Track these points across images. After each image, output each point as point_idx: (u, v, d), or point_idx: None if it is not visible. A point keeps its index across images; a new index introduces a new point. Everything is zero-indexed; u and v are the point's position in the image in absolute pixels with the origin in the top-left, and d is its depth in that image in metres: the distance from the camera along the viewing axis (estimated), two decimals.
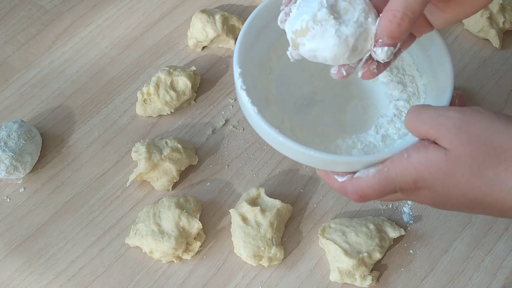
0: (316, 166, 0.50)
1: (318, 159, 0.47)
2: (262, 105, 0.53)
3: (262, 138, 0.52)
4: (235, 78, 0.51)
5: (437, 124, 0.38)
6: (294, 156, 0.49)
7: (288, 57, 0.48)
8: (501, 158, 0.37)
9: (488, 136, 0.37)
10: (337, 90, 0.58)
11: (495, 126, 0.37)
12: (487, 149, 0.37)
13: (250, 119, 0.52)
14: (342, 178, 0.45)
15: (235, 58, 0.52)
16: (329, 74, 0.47)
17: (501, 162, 0.37)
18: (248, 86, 0.50)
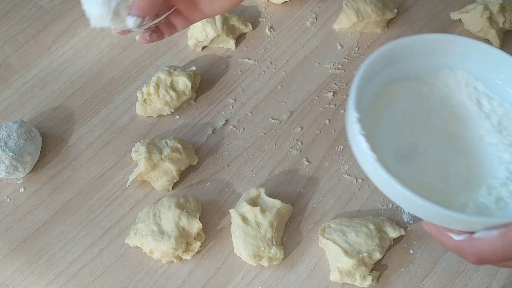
0: (434, 221, 0.50)
1: (441, 214, 0.47)
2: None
3: (379, 188, 0.52)
4: (352, 123, 0.52)
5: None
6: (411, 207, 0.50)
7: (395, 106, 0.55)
8: None
9: None
10: (440, 144, 0.56)
11: None
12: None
13: (366, 165, 0.52)
14: (458, 236, 0.43)
15: (352, 103, 0.52)
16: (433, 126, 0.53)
17: None
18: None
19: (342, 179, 0.69)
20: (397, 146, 0.56)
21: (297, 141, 0.72)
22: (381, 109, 0.57)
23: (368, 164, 0.50)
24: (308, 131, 0.72)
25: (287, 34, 0.82)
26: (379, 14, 0.79)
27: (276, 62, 0.79)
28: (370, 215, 0.66)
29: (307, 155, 0.70)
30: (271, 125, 0.73)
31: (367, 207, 0.66)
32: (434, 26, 0.82)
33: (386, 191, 0.51)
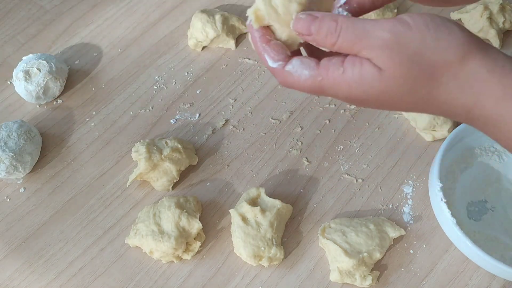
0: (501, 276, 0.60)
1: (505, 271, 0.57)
2: None
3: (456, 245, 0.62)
4: (435, 191, 0.62)
5: (368, 45, 0.37)
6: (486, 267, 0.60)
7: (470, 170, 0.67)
8: (432, 76, 0.37)
9: (420, 55, 0.37)
10: (508, 202, 0.66)
11: (426, 42, 0.36)
12: (419, 68, 0.37)
13: (446, 227, 0.62)
14: (273, 63, 0.41)
15: (436, 173, 0.63)
16: (502, 187, 0.65)
17: (432, 80, 0.37)
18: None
19: (342, 179, 0.69)
20: (469, 202, 0.66)
21: (297, 141, 0.72)
22: (457, 172, 0.67)
23: (448, 226, 0.61)
24: (308, 131, 0.72)
25: None
26: (379, 14, 0.79)
27: None
28: (370, 215, 0.66)
29: (307, 155, 0.70)
30: (271, 125, 0.73)
31: (367, 207, 0.66)
32: None
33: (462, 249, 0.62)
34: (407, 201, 0.67)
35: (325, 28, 0.38)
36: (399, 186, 0.68)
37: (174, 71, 0.78)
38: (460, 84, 0.37)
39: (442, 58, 0.36)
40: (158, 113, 0.74)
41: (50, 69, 0.73)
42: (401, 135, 0.72)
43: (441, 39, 0.36)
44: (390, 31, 0.37)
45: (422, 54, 0.36)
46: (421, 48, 0.36)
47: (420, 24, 0.37)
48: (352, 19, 0.38)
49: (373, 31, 0.37)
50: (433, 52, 0.36)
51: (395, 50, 0.37)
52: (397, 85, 0.38)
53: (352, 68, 0.38)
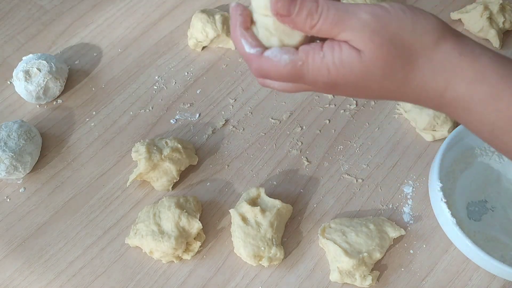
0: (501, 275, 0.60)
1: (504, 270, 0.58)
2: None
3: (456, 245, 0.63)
4: (435, 191, 0.62)
5: (348, 27, 0.37)
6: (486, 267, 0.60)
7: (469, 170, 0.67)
8: (409, 60, 0.38)
9: (399, 38, 0.37)
10: (508, 202, 0.66)
11: (404, 26, 0.37)
12: (397, 51, 0.37)
13: (446, 226, 0.63)
14: (251, 49, 0.40)
15: (436, 173, 0.63)
16: (502, 187, 0.65)
17: (409, 63, 0.38)
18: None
19: (342, 179, 0.69)
20: (469, 202, 0.66)
21: (297, 141, 0.72)
22: (457, 172, 0.67)
23: (448, 226, 0.61)
24: (308, 131, 0.72)
25: None
26: None
27: None
28: (370, 215, 0.66)
29: (307, 155, 0.70)
30: (271, 125, 0.73)
31: (367, 207, 0.66)
32: None
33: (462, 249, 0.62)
34: (407, 201, 0.67)
35: (306, 8, 0.37)
36: (399, 186, 0.68)
37: (174, 71, 0.78)
38: (434, 67, 0.38)
39: (418, 41, 0.38)
40: (158, 113, 0.74)
41: (50, 69, 0.73)
42: (401, 135, 0.72)
43: (417, 22, 0.38)
44: (371, 13, 0.37)
45: (400, 36, 0.37)
46: (399, 31, 0.37)
47: (397, 9, 0.38)
48: (333, 1, 0.38)
49: (354, 13, 0.37)
50: (411, 35, 0.37)
51: (376, 31, 0.37)
52: (377, 67, 0.38)
53: (331, 52, 0.38)
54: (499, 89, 0.38)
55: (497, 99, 0.38)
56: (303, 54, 0.39)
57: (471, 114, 0.40)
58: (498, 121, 0.39)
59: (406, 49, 0.38)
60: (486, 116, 0.39)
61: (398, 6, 0.38)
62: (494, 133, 0.40)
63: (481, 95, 0.38)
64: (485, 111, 0.39)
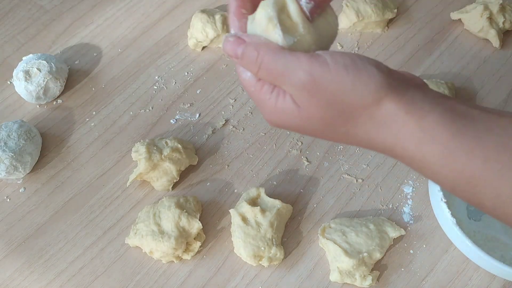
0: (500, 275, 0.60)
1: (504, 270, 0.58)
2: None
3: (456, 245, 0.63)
4: (435, 191, 0.62)
5: (288, 82, 0.38)
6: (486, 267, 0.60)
7: None
8: (349, 116, 0.38)
9: (338, 98, 0.37)
10: None
11: (344, 86, 0.36)
12: (336, 110, 0.37)
13: (446, 227, 0.63)
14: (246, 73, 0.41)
15: None
16: None
17: (349, 119, 0.38)
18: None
19: (342, 179, 0.69)
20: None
21: (297, 141, 0.72)
22: None
23: (448, 226, 0.61)
24: None
25: None
26: (379, 14, 0.79)
27: None
28: (370, 215, 0.66)
29: (307, 155, 0.70)
30: None
31: (367, 207, 0.66)
32: (434, 26, 0.82)
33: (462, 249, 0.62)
34: (407, 201, 0.67)
35: (246, 56, 0.38)
36: (399, 186, 0.68)
37: (174, 71, 0.78)
38: (378, 124, 0.37)
39: (358, 100, 0.37)
40: (158, 113, 0.74)
41: (50, 69, 0.73)
42: None
43: (358, 82, 0.37)
44: (308, 73, 0.37)
45: (339, 97, 0.37)
46: (338, 91, 0.37)
47: (339, 66, 0.37)
48: (275, 52, 0.38)
49: (292, 70, 0.37)
50: (350, 95, 0.37)
51: (312, 92, 0.37)
52: (315, 123, 0.39)
53: (276, 98, 0.39)
54: (451, 148, 0.36)
55: (451, 160, 0.36)
56: (259, 85, 0.40)
57: (427, 172, 0.38)
58: (458, 180, 0.37)
59: (346, 108, 0.37)
60: (444, 175, 0.37)
61: (341, 62, 0.37)
62: (456, 190, 0.38)
63: (433, 154, 0.36)
64: (441, 170, 0.37)
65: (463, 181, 0.36)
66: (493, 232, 0.64)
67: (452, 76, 0.77)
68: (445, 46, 0.80)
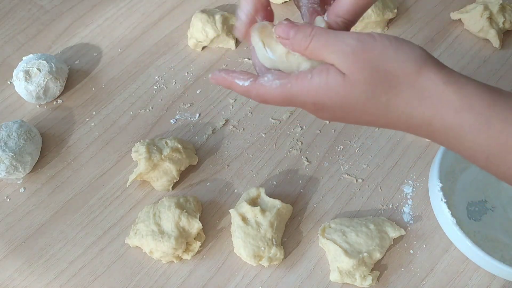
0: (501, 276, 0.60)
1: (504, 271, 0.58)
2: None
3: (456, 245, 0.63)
4: (435, 191, 0.63)
5: (336, 50, 0.40)
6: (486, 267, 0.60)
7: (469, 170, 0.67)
8: (391, 84, 0.39)
9: (381, 63, 0.39)
10: (508, 202, 0.66)
11: (387, 52, 0.39)
12: (379, 75, 0.39)
13: (446, 226, 0.63)
14: (244, 82, 0.44)
15: (436, 173, 0.63)
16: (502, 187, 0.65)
17: (391, 88, 0.39)
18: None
19: (342, 179, 0.69)
20: (469, 202, 0.66)
21: (297, 141, 0.72)
22: (457, 172, 0.68)
23: (448, 226, 0.62)
24: (308, 131, 0.72)
25: None
26: (379, 14, 0.79)
27: None
28: (370, 215, 0.66)
29: (307, 155, 0.70)
30: (271, 125, 0.73)
31: (367, 207, 0.66)
32: (434, 26, 0.82)
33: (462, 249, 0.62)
34: (407, 201, 0.67)
35: (301, 32, 0.41)
36: (399, 186, 0.68)
37: (174, 71, 0.78)
38: (418, 94, 0.39)
39: (400, 67, 0.39)
40: (158, 113, 0.75)
41: (50, 69, 0.73)
42: (401, 135, 0.72)
43: (400, 51, 0.39)
44: (356, 39, 0.39)
45: (382, 62, 0.39)
46: (382, 57, 0.39)
47: (383, 38, 0.40)
48: (326, 29, 0.41)
49: (342, 38, 0.40)
50: (393, 62, 0.39)
51: (358, 56, 0.39)
52: (359, 91, 0.40)
53: (319, 75, 0.41)
54: (487, 116, 0.38)
55: (487, 127, 0.38)
56: (293, 77, 0.42)
57: (463, 142, 0.40)
58: (492, 148, 0.39)
59: (388, 75, 0.39)
60: (479, 144, 0.39)
61: (385, 36, 0.40)
62: (489, 160, 0.40)
63: (470, 122, 0.38)
64: (476, 138, 0.39)
65: (496, 149, 0.39)
66: (493, 232, 0.64)
67: None
68: (445, 46, 0.80)
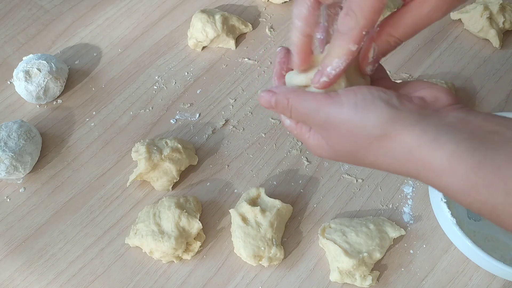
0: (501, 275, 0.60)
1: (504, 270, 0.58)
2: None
3: (456, 245, 0.63)
4: (435, 191, 0.62)
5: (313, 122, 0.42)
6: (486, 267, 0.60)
7: None
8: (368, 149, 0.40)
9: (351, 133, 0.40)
10: None
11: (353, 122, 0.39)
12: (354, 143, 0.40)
13: (446, 226, 0.63)
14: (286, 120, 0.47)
15: None
16: None
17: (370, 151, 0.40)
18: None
19: (342, 179, 0.69)
20: None
21: (297, 141, 0.72)
22: None
23: (448, 226, 0.62)
24: None
25: (287, 34, 0.82)
26: None
27: None
28: (370, 215, 0.66)
29: (307, 155, 0.70)
30: (271, 125, 0.73)
31: (367, 207, 0.66)
32: (434, 26, 0.82)
33: (462, 249, 0.62)
34: (407, 201, 0.67)
35: (280, 104, 0.43)
36: (399, 186, 0.68)
37: (174, 71, 0.78)
38: (397, 156, 0.39)
39: (367, 134, 0.39)
40: (158, 113, 0.75)
41: (50, 69, 0.73)
42: None
43: (365, 118, 0.39)
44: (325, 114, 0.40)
45: (352, 132, 0.40)
46: (350, 127, 0.40)
47: (351, 105, 0.39)
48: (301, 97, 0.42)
49: (314, 112, 0.41)
50: (360, 130, 0.39)
51: (331, 130, 0.41)
52: (343, 155, 0.43)
53: (313, 137, 0.45)
54: (471, 181, 0.35)
55: (473, 192, 0.36)
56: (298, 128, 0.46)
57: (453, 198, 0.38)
58: (481, 209, 0.37)
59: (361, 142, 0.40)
60: (468, 203, 0.37)
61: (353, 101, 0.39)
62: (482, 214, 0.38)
63: (454, 187, 0.36)
64: (464, 200, 0.37)
65: (487, 210, 0.36)
66: (493, 232, 0.64)
67: (452, 76, 0.77)
68: (445, 46, 0.80)
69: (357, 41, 0.39)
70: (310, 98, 0.41)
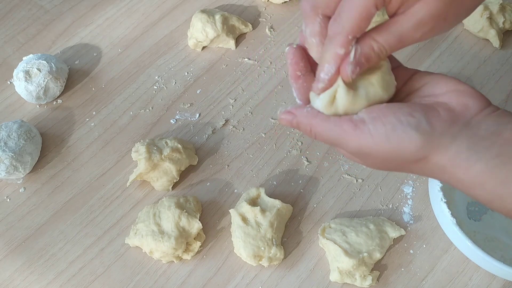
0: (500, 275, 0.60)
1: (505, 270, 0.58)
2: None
3: (456, 245, 0.63)
4: (435, 191, 0.62)
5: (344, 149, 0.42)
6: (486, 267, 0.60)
7: None
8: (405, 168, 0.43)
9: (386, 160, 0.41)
10: None
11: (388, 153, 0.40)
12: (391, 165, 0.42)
13: (446, 226, 0.63)
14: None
15: None
16: None
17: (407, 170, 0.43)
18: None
19: (342, 179, 0.69)
20: (469, 202, 0.66)
21: (297, 141, 0.72)
22: None
23: (448, 226, 0.62)
24: None
25: (287, 34, 0.82)
26: (379, 14, 0.79)
27: (276, 62, 0.79)
28: (370, 215, 0.66)
29: (307, 155, 0.70)
30: (271, 125, 0.73)
31: (367, 207, 0.66)
32: None
33: (462, 249, 0.62)
34: (407, 201, 0.67)
35: (302, 129, 0.43)
36: (399, 186, 0.68)
37: (174, 71, 0.78)
38: (432, 173, 0.41)
39: (404, 161, 0.40)
40: (158, 113, 0.75)
41: (50, 69, 0.73)
42: None
43: (399, 149, 0.39)
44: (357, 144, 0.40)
45: (387, 159, 0.41)
46: (385, 157, 0.40)
47: (381, 136, 0.39)
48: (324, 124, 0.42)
49: (343, 140, 0.41)
50: (396, 158, 0.40)
51: (365, 157, 0.42)
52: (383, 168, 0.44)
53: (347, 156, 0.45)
54: (499, 194, 0.38)
55: (500, 204, 0.39)
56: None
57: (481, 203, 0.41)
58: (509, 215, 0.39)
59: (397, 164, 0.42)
60: (496, 209, 0.40)
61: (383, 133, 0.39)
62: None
63: (483, 198, 0.39)
64: (492, 207, 0.40)
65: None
66: (493, 232, 0.64)
67: (452, 76, 0.77)
68: (445, 46, 0.80)
69: (343, 45, 0.40)
70: (334, 126, 0.41)
